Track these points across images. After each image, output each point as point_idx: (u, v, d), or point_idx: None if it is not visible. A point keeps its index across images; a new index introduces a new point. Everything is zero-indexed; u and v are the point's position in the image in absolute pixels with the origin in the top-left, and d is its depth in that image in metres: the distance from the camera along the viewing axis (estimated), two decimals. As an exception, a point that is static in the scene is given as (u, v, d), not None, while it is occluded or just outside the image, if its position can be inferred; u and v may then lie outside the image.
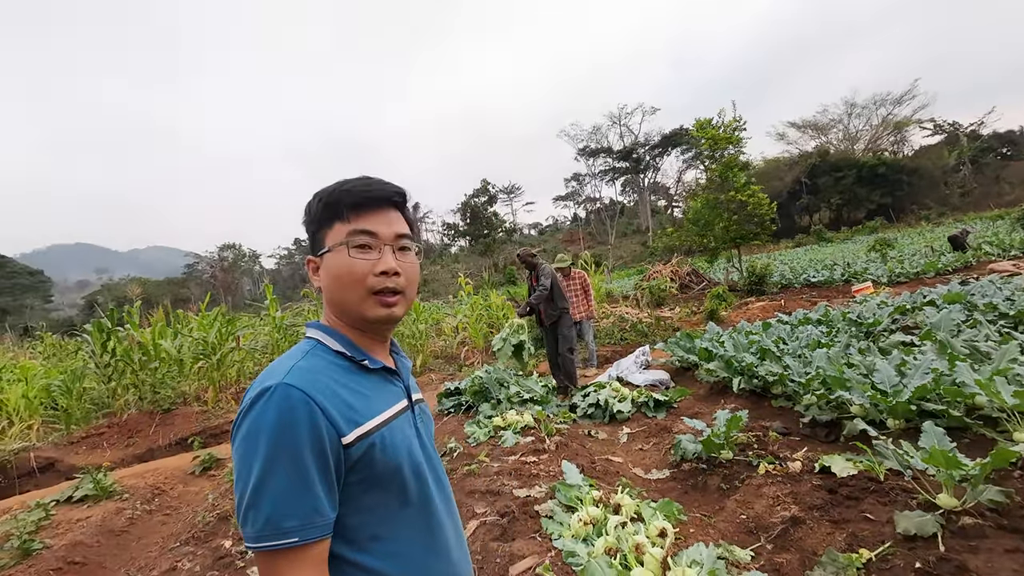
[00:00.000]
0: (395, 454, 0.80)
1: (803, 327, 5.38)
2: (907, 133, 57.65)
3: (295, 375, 0.74)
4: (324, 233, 0.86)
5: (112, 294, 54.57)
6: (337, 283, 0.84)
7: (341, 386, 0.78)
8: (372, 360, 0.86)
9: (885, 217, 44.73)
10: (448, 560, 0.87)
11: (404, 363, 0.99)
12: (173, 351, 7.94)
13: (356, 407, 0.78)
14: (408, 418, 0.89)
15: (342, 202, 0.85)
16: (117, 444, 6.34)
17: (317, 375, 0.76)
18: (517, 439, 3.91)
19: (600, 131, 71.94)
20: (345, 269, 0.83)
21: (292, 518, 0.68)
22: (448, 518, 0.91)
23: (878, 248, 16.83)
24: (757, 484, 2.95)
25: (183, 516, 3.92)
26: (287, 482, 0.68)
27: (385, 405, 0.84)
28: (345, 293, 0.84)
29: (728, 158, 14.98)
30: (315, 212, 0.87)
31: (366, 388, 0.82)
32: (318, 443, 0.71)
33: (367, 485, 0.77)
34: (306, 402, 0.71)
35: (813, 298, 10.70)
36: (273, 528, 0.67)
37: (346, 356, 0.83)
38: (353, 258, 0.83)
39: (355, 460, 0.75)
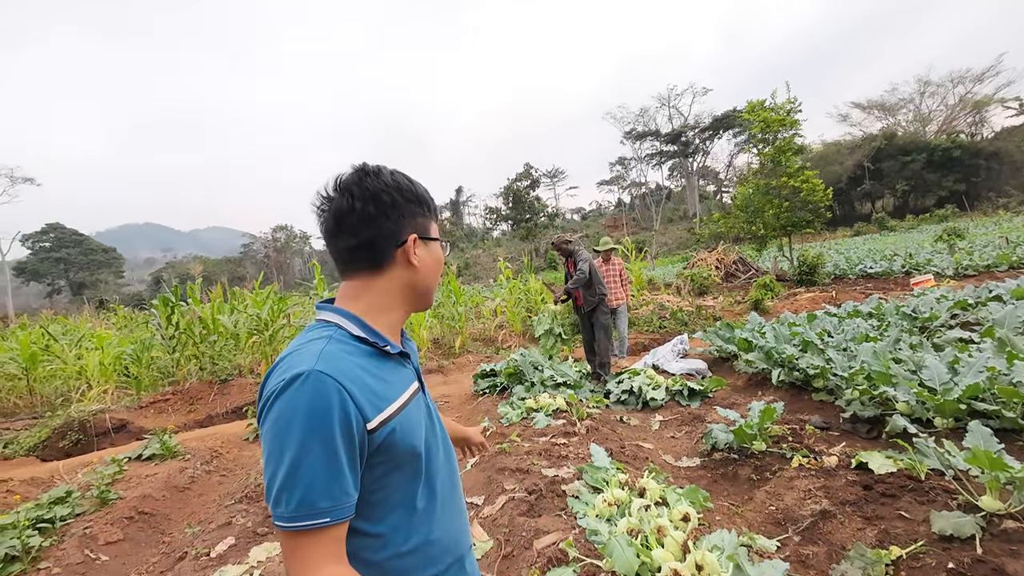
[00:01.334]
0: (411, 437, 0.84)
1: (851, 320, 5.17)
2: (987, 113, 52.97)
3: (325, 362, 0.75)
4: (429, 223, 0.94)
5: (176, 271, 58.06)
6: (433, 271, 0.94)
7: (365, 372, 0.80)
8: (392, 345, 0.88)
9: (957, 205, 41.53)
10: (451, 528, 0.93)
11: (411, 344, 1.02)
12: (230, 326, 8.46)
13: (379, 392, 0.80)
14: (420, 399, 0.93)
15: (433, 205, 0.96)
16: (180, 410, 6.86)
17: (345, 362, 0.78)
18: (548, 421, 3.99)
19: (648, 113, 69.81)
20: (441, 261, 0.97)
21: (325, 500, 0.71)
22: (452, 490, 0.97)
23: (946, 238, 15.71)
24: (789, 477, 2.91)
25: (238, 477, 4.24)
26: (320, 466, 0.71)
27: (402, 389, 0.87)
28: (433, 281, 0.95)
29: (781, 141, 14.29)
30: (421, 199, 0.93)
31: (386, 373, 0.85)
32: (348, 429, 0.73)
33: (387, 466, 0.81)
34: (338, 389, 0.73)
35: (868, 290, 10.18)
36: (307, 509, 0.70)
37: (367, 342, 0.85)
38: (445, 255, 0.98)
39: (378, 443, 0.78)
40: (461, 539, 0.96)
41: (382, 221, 0.86)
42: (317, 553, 0.71)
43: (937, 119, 56.53)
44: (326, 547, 0.72)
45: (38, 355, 8.06)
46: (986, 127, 53.70)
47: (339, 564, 0.74)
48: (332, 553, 0.73)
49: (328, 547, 0.73)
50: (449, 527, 0.93)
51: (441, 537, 0.90)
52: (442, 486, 0.92)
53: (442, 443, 0.97)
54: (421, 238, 0.91)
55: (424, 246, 0.91)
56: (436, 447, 0.93)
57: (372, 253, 0.87)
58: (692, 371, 5.51)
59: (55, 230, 58.13)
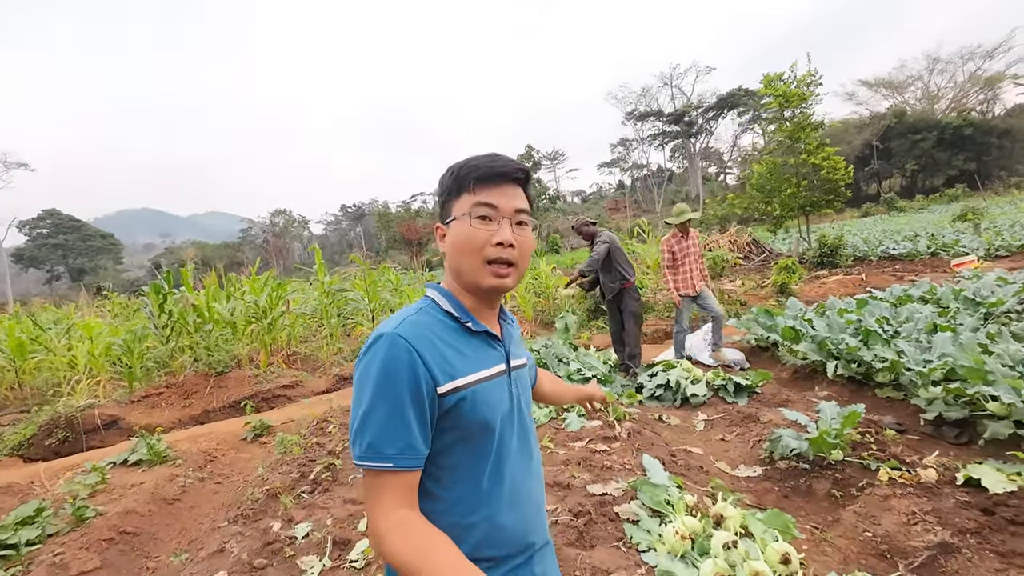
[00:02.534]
0: (483, 411, 0.86)
1: (907, 306, 4.69)
2: (999, 90, 51.78)
3: (404, 327, 0.84)
4: (452, 203, 0.92)
5: (174, 257, 57.58)
6: (457, 250, 0.90)
7: (443, 342, 0.86)
8: (476, 323, 0.92)
9: (968, 184, 40.71)
10: (519, 519, 0.92)
11: (509, 330, 1.03)
12: (226, 314, 7.99)
13: (453, 363, 0.85)
14: (503, 382, 0.93)
15: (470, 175, 0.90)
16: (174, 404, 6.43)
17: (423, 329, 0.85)
18: (582, 423, 3.54)
19: (650, 93, 68.51)
20: (467, 237, 0.88)
21: (390, 447, 0.78)
22: (525, 480, 0.95)
23: (969, 218, 15.14)
24: (883, 495, 2.46)
25: (234, 485, 3.81)
26: (387, 418, 0.78)
27: (482, 365, 0.90)
28: (464, 260, 0.90)
29: (800, 117, 13.64)
30: (446, 183, 0.94)
31: (466, 348, 0.89)
32: (416, 387, 0.79)
33: (453, 434, 0.85)
34: (409, 351, 0.80)
35: (897, 272, 9.69)
36: (374, 452, 0.78)
37: (453, 316, 0.91)
38: (474, 228, 0.88)
39: (446, 409, 0.83)
40: (530, 534, 0.95)
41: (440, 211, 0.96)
42: (387, 494, 0.79)
43: (946, 97, 55.40)
44: (395, 490, 0.80)
45: (26, 345, 7.62)
46: (998, 104, 52.59)
47: (410, 509, 0.81)
48: (402, 497, 0.80)
49: (397, 491, 0.80)
50: (516, 517, 0.92)
51: (505, 524, 0.90)
52: (512, 474, 0.92)
53: (518, 433, 0.96)
54: (445, 223, 0.93)
55: (448, 231, 0.92)
56: (511, 434, 0.94)
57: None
58: (729, 362, 5.05)
59: (52, 216, 57.45)
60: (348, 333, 9.57)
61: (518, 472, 0.93)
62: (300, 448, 3.84)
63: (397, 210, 69.74)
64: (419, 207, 72.34)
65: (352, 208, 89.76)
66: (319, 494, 3.13)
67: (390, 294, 9.84)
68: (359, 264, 8.67)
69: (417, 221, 57.26)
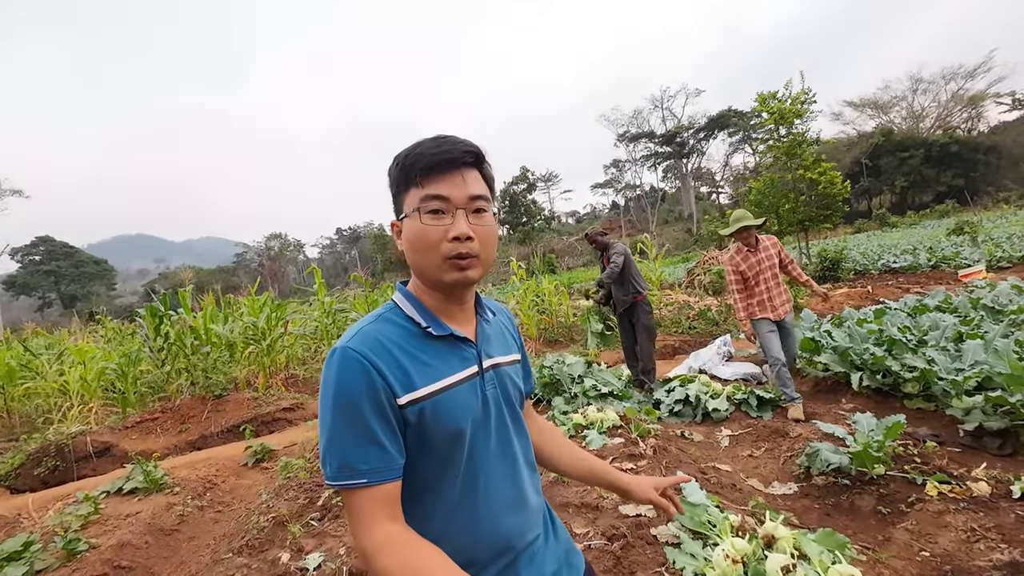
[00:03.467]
0: (447, 422, 0.82)
1: (926, 315, 4.59)
2: (982, 109, 53.04)
3: (358, 339, 0.80)
4: (403, 197, 0.86)
5: (169, 282, 57.11)
6: (413, 248, 0.84)
7: (401, 351, 0.82)
8: (438, 326, 0.87)
9: (957, 200, 41.28)
10: (494, 523, 0.87)
11: (484, 327, 0.95)
12: (225, 335, 7.81)
13: (411, 373, 0.81)
14: (474, 385, 0.88)
15: (415, 166, 0.83)
16: (170, 430, 6.20)
17: (380, 338, 0.82)
18: (604, 440, 3.38)
19: (641, 115, 69.64)
20: (419, 235, 0.83)
21: (361, 463, 0.76)
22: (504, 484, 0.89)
23: (967, 231, 15.23)
24: (936, 511, 2.31)
25: (236, 513, 3.60)
26: (352, 434, 0.76)
27: (446, 372, 0.85)
28: (421, 258, 0.84)
29: (796, 133, 13.81)
30: (393, 176, 0.87)
31: (428, 355, 0.84)
32: (375, 399, 0.77)
33: (418, 446, 0.82)
34: (361, 363, 0.77)
35: (901, 285, 9.64)
36: (347, 471, 0.75)
37: (415, 321, 0.86)
38: (426, 224, 0.82)
39: (409, 422, 0.80)
40: (512, 537, 0.89)
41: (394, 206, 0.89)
42: (368, 511, 0.76)
43: (931, 116, 56.58)
44: (376, 505, 0.76)
45: (15, 371, 7.38)
46: (982, 122, 53.79)
47: (394, 522, 0.77)
48: (384, 511, 0.76)
49: (378, 506, 0.76)
50: (494, 524, 0.87)
51: (481, 532, 0.85)
52: (487, 481, 0.87)
53: (496, 436, 0.90)
54: (399, 219, 0.87)
55: (402, 228, 0.86)
56: (485, 439, 0.88)
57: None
58: (747, 376, 4.92)
59: (45, 243, 57.11)
60: (348, 354, 9.38)
61: (496, 477, 0.89)
62: (306, 472, 3.65)
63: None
64: (415, 229, 72.32)
65: (347, 231, 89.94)
66: (329, 521, 2.93)
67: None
68: (360, 283, 8.53)
69: (413, 243, 57.24)
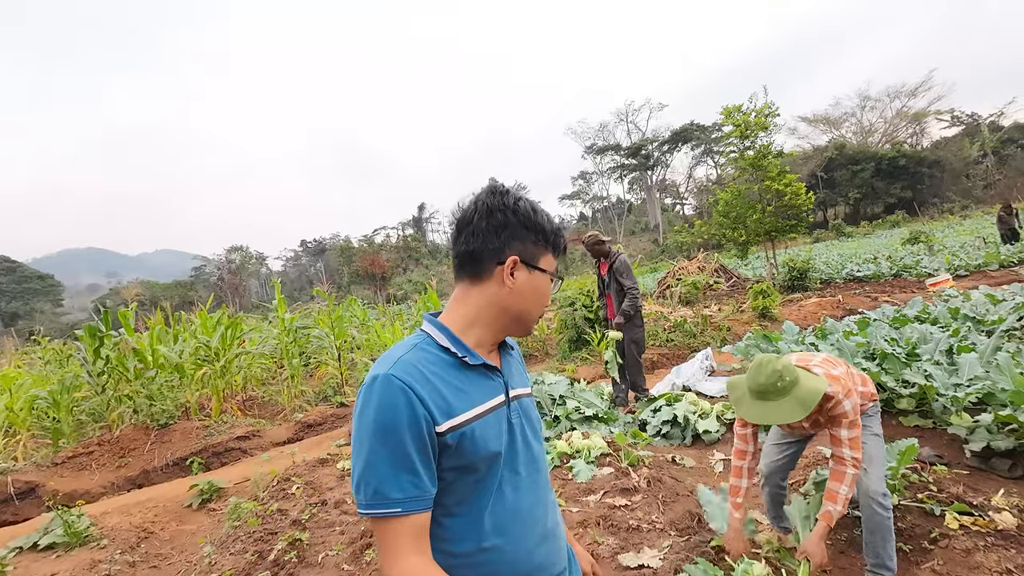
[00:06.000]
0: (483, 447, 0.85)
1: (908, 326, 4.51)
2: (925, 125, 56.21)
3: (399, 366, 0.83)
4: (542, 252, 0.95)
5: (120, 297, 54.23)
6: (530, 298, 0.94)
7: (440, 380, 0.85)
8: (473, 356, 0.90)
9: (906, 211, 43.34)
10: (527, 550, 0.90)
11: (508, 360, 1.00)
12: (173, 357, 7.18)
13: (451, 401, 0.84)
14: (502, 413, 0.92)
15: (559, 244, 0.97)
16: (107, 465, 5.58)
17: (419, 367, 0.84)
18: (592, 471, 3.09)
19: (607, 128, 70.87)
20: (543, 292, 0.96)
21: (396, 491, 0.77)
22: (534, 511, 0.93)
23: (922, 240, 15.79)
24: (963, 548, 2.11)
25: (175, 569, 3.13)
26: (390, 462, 0.78)
27: (481, 400, 0.89)
28: (530, 306, 0.94)
29: (762, 146, 14.06)
30: (540, 233, 0.93)
31: (464, 383, 0.88)
32: (416, 428, 0.79)
33: (454, 471, 0.84)
34: (405, 391, 0.79)
35: (869, 293, 9.79)
36: (381, 499, 0.78)
37: (450, 351, 0.89)
38: (551, 287, 0.97)
39: (446, 447, 0.82)
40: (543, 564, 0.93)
41: (490, 237, 0.90)
42: (398, 541, 0.78)
43: (879, 131, 59.56)
44: (406, 536, 0.78)
45: (-72, 402, 6.58)
46: (926, 137, 56.96)
47: (420, 555, 0.80)
48: (413, 542, 0.79)
49: (408, 536, 0.79)
50: (530, 558, 0.91)
51: (510, 556, 0.88)
52: (518, 507, 0.91)
53: (524, 463, 0.94)
54: (524, 262, 0.92)
55: (526, 271, 0.92)
56: (515, 464, 0.92)
57: (475, 264, 0.92)
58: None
59: (-18, 257, 53.47)
60: (311, 374, 8.82)
61: (525, 504, 0.92)
62: (257, 518, 3.21)
63: (360, 244, 68.49)
64: (382, 241, 71.33)
65: (312, 243, 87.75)
66: (282, 581, 2.53)
67: (356, 330, 9.21)
68: (323, 298, 8.05)
69: (381, 255, 56.34)
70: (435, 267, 61.85)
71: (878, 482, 2.01)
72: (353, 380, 7.98)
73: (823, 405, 1.94)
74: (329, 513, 3.23)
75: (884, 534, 1.98)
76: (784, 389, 1.83)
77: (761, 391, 1.88)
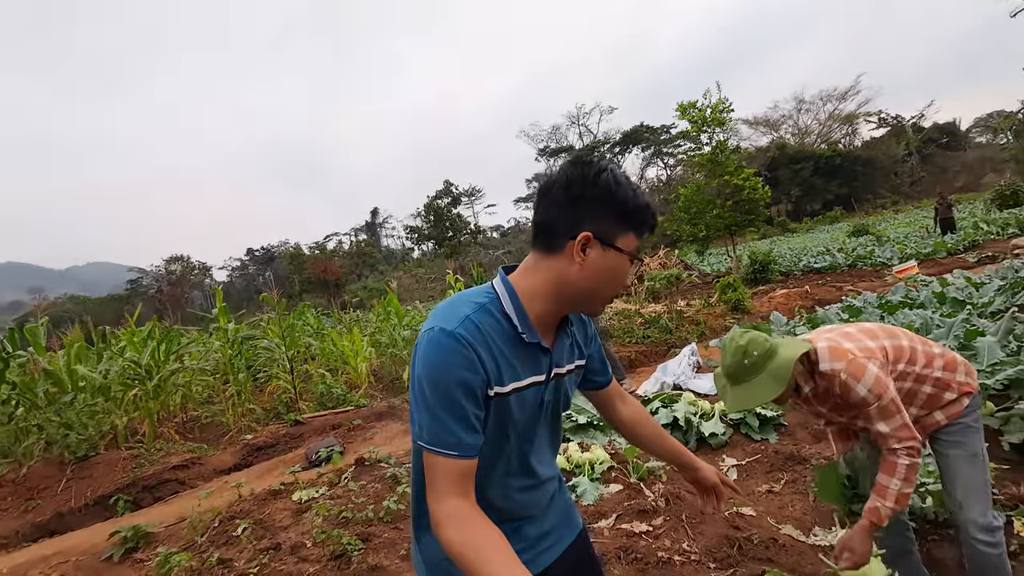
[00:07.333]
0: (516, 415, 0.92)
1: (900, 312, 4.36)
2: (856, 126, 59.80)
3: (466, 326, 0.85)
4: (621, 231, 0.89)
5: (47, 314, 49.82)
6: (604, 277, 0.90)
7: (497, 349, 0.88)
8: (531, 334, 0.91)
9: (844, 207, 45.75)
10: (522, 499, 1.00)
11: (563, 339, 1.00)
12: (95, 377, 6.28)
13: (502, 370, 0.88)
14: (540, 389, 0.95)
15: (646, 224, 0.91)
16: (11, 509, 4.71)
17: (483, 331, 0.87)
18: (599, 489, 2.67)
19: (560, 131, 71.39)
20: (619, 273, 0.91)
21: (453, 437, 0.83)
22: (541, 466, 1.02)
23: (870, 232, 16.43)
24: (1052, 564, 1.80)
25: (85, 646, 2.48)
26: (451, 412, 0.83)
27: (526, 375, 0.92)
28: (603, 287, 0.91)
29: (720, 141, 14.21)
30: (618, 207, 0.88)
31: (515, 357, 0.90)
32: (475, 386, 0.84)
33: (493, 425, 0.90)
34: (468, 351, 0.83)
35: (832, 283, 9.91)
36: (440, 442, 0.84)
37: (511, 322, 0.90)
38: (628, 268, 0.91)
39: (491, 408, 0.89)
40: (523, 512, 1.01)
41: (567, 209, 0.88)
42: (448, 480, 0.84)
43: (814, 132, 62.89)
44: (455, 477, 0.84)
45: None
46: (857, 138, 60.58)
47: (463, 498, 0.85)
48: (457, 484, 0.85)
49: (456, 478, 0.84)
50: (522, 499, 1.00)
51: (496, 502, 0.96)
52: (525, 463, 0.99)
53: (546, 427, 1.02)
54: (598, 239, 0.87)
55: (599, 249, 0.88)
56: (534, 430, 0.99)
57: (548, 235, 0.90)
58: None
59: None
60: (261, 389, 8.01)
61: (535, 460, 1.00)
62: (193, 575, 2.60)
63: (311, 251, 65.94)
64: (335, 247, 69.01)
65: (260, 251, 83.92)
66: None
67: (312, 338, 8.49)
68: (271, 304, 7.30)
69: (334, 261, 54.41)
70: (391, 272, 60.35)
71: (978, 513, 1.58)
72: (307, 394, 7.28)
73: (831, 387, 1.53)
74: (284, 561, 2.66)
75: (997, 571, 1.58)
76: (755, 366, 1.48)
77: (731, 374, 1.53)
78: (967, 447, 1.63)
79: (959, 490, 1.62)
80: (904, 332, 1.73)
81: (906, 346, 1.63)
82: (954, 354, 1.68)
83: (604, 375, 1.17)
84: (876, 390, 1.46)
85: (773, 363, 1.47)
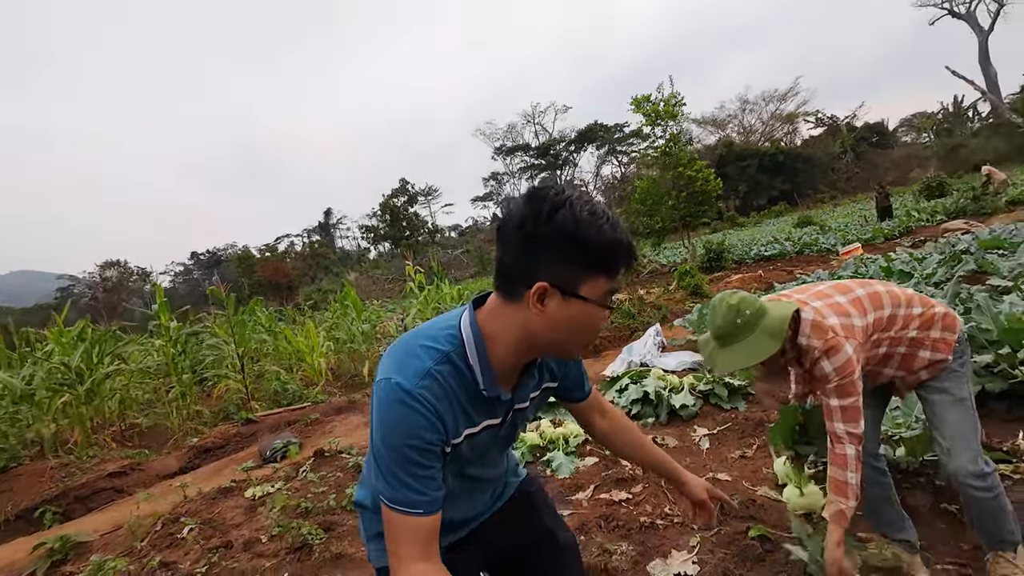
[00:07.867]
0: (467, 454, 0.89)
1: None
2: (796, 125, 62.98)
3: (428, 383, 0.80)
4: (586, 276, 0.77)
5: (-40, 327, 45.61)
6: (571, 328, 0.80)
7: (458, 403, 0.83)
8: (491, 390, 0.85)
9: (787, 201, 48.04)
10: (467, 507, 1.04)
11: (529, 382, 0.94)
12: (16, 384, 5.71)
13: (460, 424, 0.85)
14: (493, 431, 0.92)
15: (618, 260, 0.78)
16: (-83, 531, 4.18)
17: (445, 386, 0.81)
18: (574, 462, 2.59)
19: (515, 129, 71.81)
20: (589, 323, 0.81)
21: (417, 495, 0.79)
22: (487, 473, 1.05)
23: (814, 222, 17.24)
24: (1021, 500, 1.84)
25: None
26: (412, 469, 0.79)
27: (481, 419, 0.89)
28: (571, 338, 0.83)
29: (673, 135, 14.51)
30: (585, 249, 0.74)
31: (474, 408, 0.86)
32: (433, 447, 0.80)
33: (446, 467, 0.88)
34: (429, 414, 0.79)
35: (782, 268, 10.30)
36: (401, 500, 0.79)
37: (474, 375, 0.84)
38: (600, 315, 0.81)
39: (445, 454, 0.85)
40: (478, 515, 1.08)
41: (522, 253, 0.77)
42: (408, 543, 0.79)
43: (758, 131, 65.87)
44: (417, 539, 0.79)
45: None
46: (797, 136, 63.82)
47: (427, 562, 0.80)
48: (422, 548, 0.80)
49: (420, 539, 0.80)
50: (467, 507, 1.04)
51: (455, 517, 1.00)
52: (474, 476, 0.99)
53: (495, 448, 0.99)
54: (557, 287, 0.75)
55: (560, 300, 0.77)
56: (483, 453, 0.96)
57: (506, 280, 0.81)
58: (694, 364, 4.47)
59: None
60: (209, 393, 7.52)
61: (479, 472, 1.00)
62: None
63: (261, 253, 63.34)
64: (286, 248, 66.59)
65: (205, 255, 79.96)
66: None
67: (266, 335, 8.07)
68: (219, 298, 6.86)
69: (286, 263, 52.51)
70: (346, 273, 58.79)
71: (967, 460, 1.53)
72: (260, 394, 6.89)
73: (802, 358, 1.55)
74: (236, 559, 2.43)
75: (995, 513, 1.56)
76: (748, 324, 1.47)
77: (723, 335, 1.51)
78: (952, 392, 1.61)
79: (947, 437, 1.59)
80: (881, 283, 1.70)
81: (885, 315, 1.60)
82: (934, 308, 1.65)
83: (581, 390, 1.12)
84: (843, 371, 1.46)
85: (766, 321, 1.46)
